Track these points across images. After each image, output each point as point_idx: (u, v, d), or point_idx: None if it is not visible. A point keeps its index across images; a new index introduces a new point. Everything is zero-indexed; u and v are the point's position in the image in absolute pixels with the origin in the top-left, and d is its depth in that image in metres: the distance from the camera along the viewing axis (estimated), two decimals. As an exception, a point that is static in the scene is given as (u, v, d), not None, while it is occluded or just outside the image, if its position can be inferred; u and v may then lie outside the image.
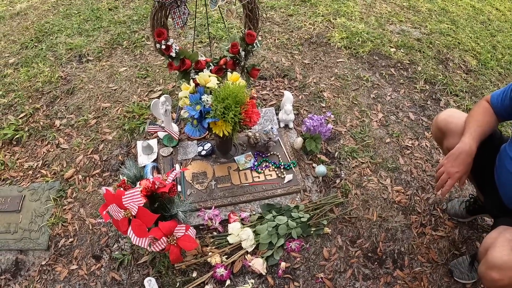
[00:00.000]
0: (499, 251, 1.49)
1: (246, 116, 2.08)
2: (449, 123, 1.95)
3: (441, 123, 1.99)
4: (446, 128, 1.96)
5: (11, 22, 4.19)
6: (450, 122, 1.94)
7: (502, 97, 1.75)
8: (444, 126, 1.97)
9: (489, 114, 1.79)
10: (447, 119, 1.96)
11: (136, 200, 1.68)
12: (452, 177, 1.69)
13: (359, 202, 2.47)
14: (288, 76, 3.30)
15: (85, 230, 2.34)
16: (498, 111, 1.78)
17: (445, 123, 1.96)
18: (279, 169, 2.56)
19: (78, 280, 2.15)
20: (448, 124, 1.95)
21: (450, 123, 1.94)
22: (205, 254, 2.17)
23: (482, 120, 1.76)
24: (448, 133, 1.95)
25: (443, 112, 2.03)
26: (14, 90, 3.24)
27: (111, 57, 3.54)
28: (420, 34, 3.97)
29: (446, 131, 1.96)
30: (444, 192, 1.71)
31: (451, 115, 1.97)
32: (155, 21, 2.26)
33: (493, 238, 1.57)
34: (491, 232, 1.62)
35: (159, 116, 2.62)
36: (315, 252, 2.24)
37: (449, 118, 1.96)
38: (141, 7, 4.18)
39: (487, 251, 1.54)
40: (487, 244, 1.58)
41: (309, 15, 4.08)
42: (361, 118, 2.99)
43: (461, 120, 1.88)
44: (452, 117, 1.95)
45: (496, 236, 1.57)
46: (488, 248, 1.55)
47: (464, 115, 1.92)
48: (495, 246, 1.52)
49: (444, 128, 1.97)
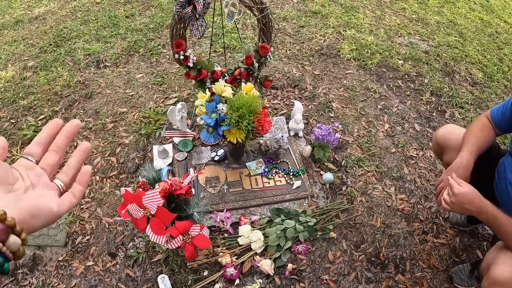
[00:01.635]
0: (501, 268, 1.52)
1: (259, 125, 2.15)
2: (447, 139, 1.99)
3: (440, 139, 2.04)
4: (445, 144, 2.00)
5: (29, 26, 4.27)
6: (449, 138, 1.98)
7: (502, 110, 1.79)
8: (443, 142, 2.02)
9: (487, 129, 1.82)
10: (445, 135, 2.01)
11: (155, 200, 1.77)
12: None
13: (364, 208, 2.53)
14: (299, 86, 3.36)
15: (102, 228, 2.41)
16: (499, 124, 1.81)
17: (444, 139, 2.01)
18: (288, 176, 2.61)
19: (94, 275, 2.21)
20: (447, 141, 2.00)
21: (449, 139, 1.98)
22: (216, 254, 2.23)
23: (480, 135, 1.79)
24: (447, 148, 2.00)
25: (442, 128, 2.07)
26: (33, 92, 3.32)
27: (128, 64, 3.63)
28: (428, 47, 4.02)
29: (445, 146, 2.01)
30: (445, 208, 1.68)
31: (450, 131, 2.01)
32: (174, 32, 2.37)
33: (495, 254, 1.60)
34: (492, 249, 1.65)
35: (175, 122, 2.70)
36: (321, 255, 2.30)
37: (448, 134, 2.00)
38: (157, 15, 4.27)
39: (489, 268, 1.57)
40: (489, 260, 1.61)
41: (320, 27, 4.15)
42: (368, 128, 3.04)
43: (459, 136, 1.90)
44: (450, 133, 2.00)
45: (497, 252, 1.60)
46: (491, 264, 1.58)
47: (462, 130, 1.94)
48: (497, 263, 1.55)
49: (443, 144, 2.02)
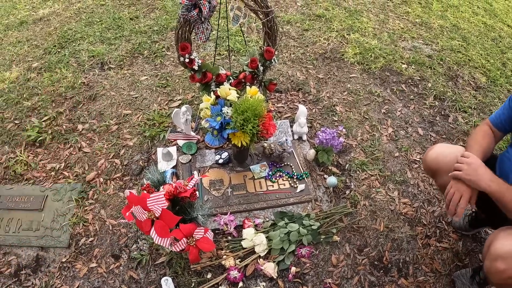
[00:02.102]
0: (501, 242, 1.53)
1: (263, 128, 2.16)
2: (439, 163, 1.94)
3: (431, 163, 1.98)
4: (437, 168, 1.95)
5: (34, 27, 4.30)
6: (441, 161, 1.93)
7: (502, 111, 1.85)
8: (435, 166, 1.96)
9: (488, 136, 1.85)
10: (437, 159, 1.95)
11: (160, 203, 1.77)
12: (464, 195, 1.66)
13: (367, 212, 2.53)
14: (303, 90, 3.37)
15: (105, 230, 2.42)
16: (500, 126, 1.85)
17: (435, 162, 1.96)
18: (292, 179, 2.62)
19: (97, 277, 2.22)
20: (438, 164, 1.94)
21: (441, 162, 1.93)
22: (220, 257, 2.24)
23: (482, 142, 1.81)
24: (440, 172, 1.95)
25: (431, 151, 1.99)
26: (37, 93, 3.34)
27: (132, 66, 3.64)
28: (431, 51, 4.03)
29: (437, 169, 1.97)
30: (460, 213, 1.67)
31: (441, 153, 1.95)
32: (179, 35, 2.38)
33: (494, 234, 1.61)
34: (491, 233, 1.65)
35: (179, 124, 2.71)
36: (324, 259, 2.30)
37: (439, 157, 1.94)
38: (162, 18, 4.28)
39: (489, 248, 1.57)
40: (489, 241, 1.62)
41: (324, 30, 4.16)
42: (372, 132, 3.05)
43: (451, 158, 1.85)
44: (441, 155, 1.94)
45: (497, 232, 1.60)
46: (490, 245, 1.58)
47: (452, 149, 1.93)
48: (497, 239, 1.56)
49: (434, 168, 1.97)
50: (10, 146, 2.92)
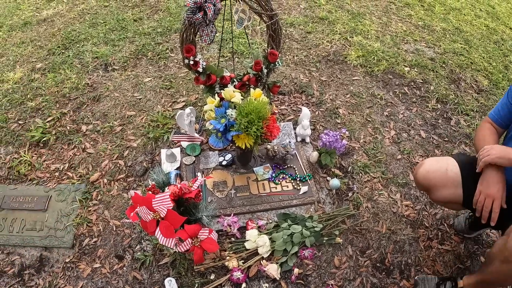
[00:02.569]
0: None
1: (267, 130, 2.16)
2: (429, 179, 1.92)
3: (422, 181, 1.96)
4: (428, 184, 1.93)
5: (38, 28, 4.30)
6: (430, 177, 1.92)
7: (499, 109, 1.93)
8: (426, 182, 1.94)
9: (493, 133, 1.91)
10: (426, 175, 1.93)
11: (165, 204, 1.78)
12: (496, 198, 1.69)
13: (369, 214, 2.54)
14: (306, 92, 3.38)
15: (109, 231, 2.43)
16: (500, 122, 1.93)
17: (426, 180, 1.94)
18: (295, 181, 2.63)
19: (101, 278, 2.23)
20: (429, 180, 1.92)
21: (430, 179, 1.92)
22: (223, 258, 2.25)
23: (490, 139, 1.86)
24: (432, 188, 1.94)
25: (421, 168, 1.97)
26: (41, 94, 3.35)
27: (136, 67, 3.65)
28: (433, 54, 4.04)
29: (428, 186, 1.95)
30: (494, 217, 1.68)
31: (429, 169, 1.93)
32: (184, 37, 2.40)
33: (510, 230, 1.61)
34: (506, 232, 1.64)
35: (183, 126, 2.72)
36: (327, 260, 2.31)
37: (428, 174, 1.92)
38: (165, 19, 4.29)
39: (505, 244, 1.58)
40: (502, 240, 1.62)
41: (327, 33, 4.17)
42: (374, 135, 3.06)
43: (440, 171, 1.89)
44: (430, 172, 1.92)
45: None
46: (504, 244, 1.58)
47: (440, 163, 1.93)
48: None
49: (426, 184, 1.95)
50: (14, 147, 2.93)
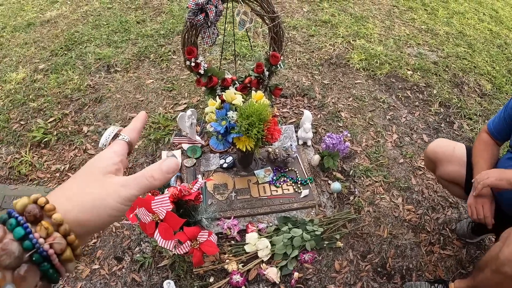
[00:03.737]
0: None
1: (268, 133, 2.15)
2: (436, 152, 2.09)
3: (430, 154, 2.13)
4: (435, 157, 2.10)
5: (41, 29, 4.32)
6: (437, 151, 2.09)
7: (497, 121, 1.93)
8: (433, 155, 2.11)
9: (490, 146, 1.93)
10: (434, 149, 2.11)
11: (164, 205, 1.77)
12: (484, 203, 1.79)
13: (371, 218, 2.53)
14: (308, 95, 3.37)
15: (109, 232, 2.42)
16: (496, 136, 1.93)
17: (433, 152, 2.11)
18: (296, 184, 2.62)
19: (99, 279, 2.22)
20: (436, 154, 2.10)
21: (438, 152, 2.09)
22: (223, 261, 2.24)
23: (486, 156, 1.90)
24: (438, 161, 2.10)
25: (431, 144, 2.15)
26: (43, 95, 3.35)
27: (138, 69, 3.65)
28: (436, 57, 4.03)
29: (435, 160, 2.11)
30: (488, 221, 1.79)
31: (438, 144, 2.12)
32: (186, 39, 2.39)
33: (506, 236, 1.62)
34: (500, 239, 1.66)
35: (185, 128, 2.71)
36: (327, 264, 2.29)
37: (436, 148, 2.10)
38: (168, 22, 4.30)
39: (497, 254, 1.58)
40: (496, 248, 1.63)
41: (330, 36, 4.17)
42: (376, 138, 3.05)
43: (447, 148, 2.06)
44: (438, 146, 2.10)
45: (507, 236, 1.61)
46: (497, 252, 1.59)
47: (449, 142, 2.09)
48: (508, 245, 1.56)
49: (433, 157, 2.11)
50: (15, 147, 2.93)
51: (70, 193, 0.51)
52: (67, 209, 0.49)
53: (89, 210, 0.50)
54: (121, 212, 0.52)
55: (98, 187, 0.51)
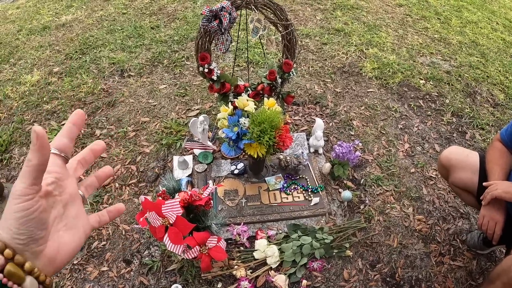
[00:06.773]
0: None
1: (280, 140, 2.16)
2: (450, 159, 2.09)
3: (444, 160, 2.13)
4: (449, 164, 2.10)
5: (56, 32, 4.38)
6: (451, 158, 2.09)
7: (510, 131, 1.91)
8: (447, 162, 2.11)
9: (505, 154, 1.91)
10: (448, 156, 2.11)
11: (175, 210, 1.78)
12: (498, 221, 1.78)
13: (381, 228, 2.52)
14: (320, 103, 3.38)
15: (118, 235, 2.44)
16: (510, 144, 1.91)
17: (447, 159, 2.11)
18: (307, 192, 2.62)
19: (108, 281, 2.23)
20: (449, 161, 2.10)
21: (451, 159, 2.09)
22: (231, 267, 2.24)
23: (502, 163, 1.88)
24: (451, 168, 2.10)
25: (445, 150, 2.16)
26: (57, 97, 3.39)
27: (152, 74, 3.68)
28: (449, 67, 4.01)
29: (449, 167, 2.11)
30: (496, 238, 1.79)
31: (452, 151, 2.12)
32: (199, 45, 2.41)
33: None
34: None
35: (197, 134, 2.73)
36: (336, 273, 2.28)
37: (450, 155, 2.11)
38: (182, 28, 4.33)
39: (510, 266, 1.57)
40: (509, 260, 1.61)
41: (343, 45, 4.17)
42: (388, 147, 3.04)
43: (461, 155, 2.07)
44: (452, 153, 2.11)
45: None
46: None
47: (463, 150, 2.09)
48: None
49: (447, 164, 2.12)
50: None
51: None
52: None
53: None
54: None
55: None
